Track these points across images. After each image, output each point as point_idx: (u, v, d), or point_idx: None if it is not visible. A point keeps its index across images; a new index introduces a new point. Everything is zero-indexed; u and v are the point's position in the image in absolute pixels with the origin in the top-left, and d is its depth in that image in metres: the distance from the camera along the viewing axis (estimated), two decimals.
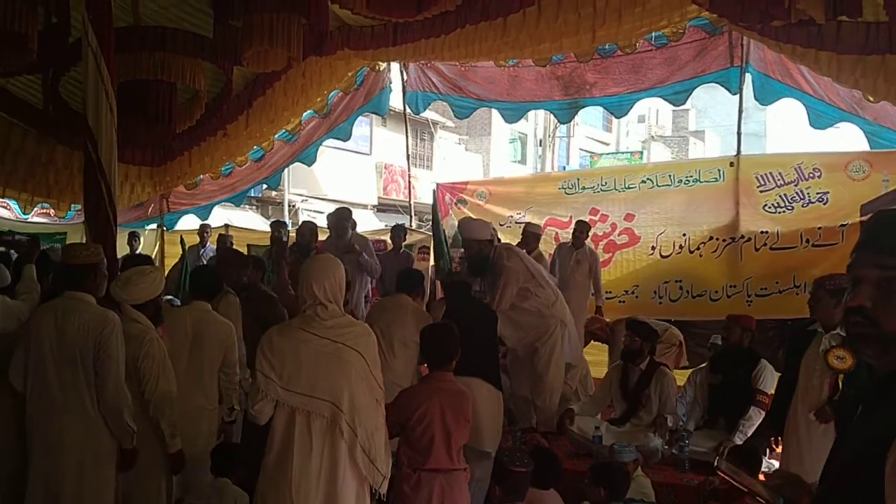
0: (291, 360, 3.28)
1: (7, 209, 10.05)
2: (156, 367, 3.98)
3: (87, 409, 3.75)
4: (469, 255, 6.30)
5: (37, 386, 3.77)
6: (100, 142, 4.48)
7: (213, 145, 8.83)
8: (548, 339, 6.08)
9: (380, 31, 7.10)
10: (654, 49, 8.07)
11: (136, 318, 4.03)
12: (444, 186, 10.45)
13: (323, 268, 3.42)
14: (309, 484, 3.23)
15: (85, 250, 4.02)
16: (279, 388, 3.26)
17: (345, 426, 3.26)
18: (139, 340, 3.96)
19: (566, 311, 6.25)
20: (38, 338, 3.77)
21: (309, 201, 20.76)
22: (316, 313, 3.32)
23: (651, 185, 8.81)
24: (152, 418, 3.99)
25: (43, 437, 3.75)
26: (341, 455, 3.28)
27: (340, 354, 3.31)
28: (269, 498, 3.27)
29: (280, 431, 3.29)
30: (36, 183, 8.37)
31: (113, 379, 3.74)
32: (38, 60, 5.84)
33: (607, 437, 5.36)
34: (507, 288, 5.95)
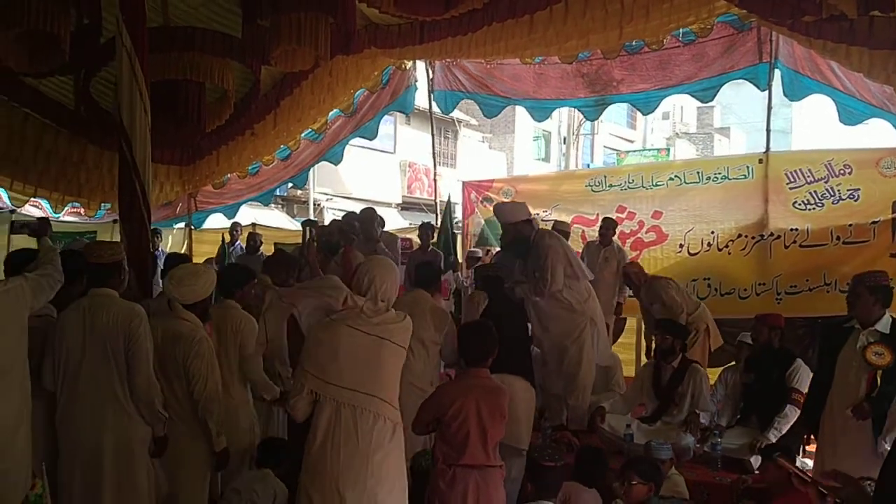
0: (336, 355, 3.33)
1: (38, 208, 10.17)
2: (205, 367, 4.04)
3: (120, 400, 3.82)
4: (508, 238, 6.26)
5: (68, 382, 3.83)
6: (134, 142, 4.53)
7: (241, 144, 8.89)
8: (577, 336, 5.99)
9: (406, 30, 7.12)
10: (682, 45, 8.01)
11: (186, 317, 4.10)
12: (469, 185, 10.44)
13: (386, 268, 3.55)
14: (353, 478, 3.26)
15: (108, 249, 4.07)
16: (323, 382, 3.31)
17: (389, 413, 3.35)
18: (189, 340, 4.02)
19: (597, 310, 6.18)
20: (67, 336, 3.83)
21: (333, 200, 20.83)
22: (362, 310, 3.37)
23: (679, 182, 8.75)
24: (200, 417, 4.05)
25: (78, 431, 3.81)
26: (384, 449, 3.33)
27: (385, 350, 3.37)
28: (312, 491, 3.30)
29: (323, 426, 3.32)
30: (67, 182, 8.47)
31: (144, 369, 3.82)
32: (70, 61, 5.93)
33: (639, 435, 5.34)
34: (557, 267, 5.85)
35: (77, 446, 3.82)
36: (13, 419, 3.53)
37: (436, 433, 3.84)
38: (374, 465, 3.30)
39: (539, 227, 6.29)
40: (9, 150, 7.76)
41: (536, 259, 5.93)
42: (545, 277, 5.82)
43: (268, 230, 11.42)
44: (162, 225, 10.76)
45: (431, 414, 3.76)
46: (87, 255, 4.09)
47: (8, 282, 3.68)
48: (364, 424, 3.30)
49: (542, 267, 5.84)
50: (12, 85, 7.23)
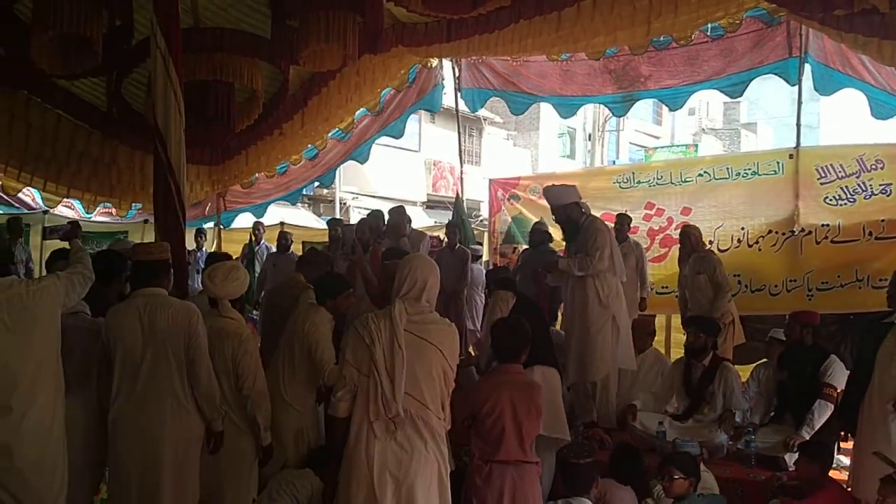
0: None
1: (71, 208, 10.32)
2: (253, 364, 4.12)
3: (180, 397, 3.89)
4: (557, 220, 6.27)
5: (126, 381, 3.90)
6: (169, 142, 4.57)
7: (269, 144, 8.96)
8: (599, 329, 5.92)
9: (433, 28, 7.13)
10: (710, 41, 7.95)
11: (232, 315, 4.18)
12: (496, 182, 10.43)
13: (428, 266, 3.51)
14: (386, 469, 3.28)
15: (155, 248, 4.14)
16: (363, 377, 3.33)
17: (423, 411, 3.33)
18: (237, 337, 4.11)
19: (622, 310, 6.09)
20: (125, 336, 3.88)
21: (359, 199, 20.91)
22: (405, 307, 3.37)
23: (708, 178, 8.68)
24: (249, 412, 4.12)
25: (138, 429, 3.86)
26: (419, 446, 3.33)
27: (423, 350, 3.36)
28: (350, 488, 3.32)
29: (357, 422, 3.35)
30: (99, 183, 8.58)
31: (206, 365, 3.91)
32: (102, 63, 6.00)
33: (671, 432, 5.31)
34: (605, 248, 5.83)
35: (136, 443, 3.88)
36: (49, 413, 3.60)
37: (471, 429, 3.85)
38: (410, 463, 3.30)
39: (589, 212, 6.24)
40: (42, 151, 7.88)
41: (584, 241, 5.91)
42: (592, 255, 5.80)
43: (295, 229, 11.48)
44: (192, 225, 10.85)
45: (466, 410, 3.77)
46: (134, 254, 4.17)
47: (42, 279, 3.77)
48: (399, 422, 3.30)
49: (590, 246, 5.82)
50: (45, 87, 7.34)
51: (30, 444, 3.49)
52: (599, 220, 6.17)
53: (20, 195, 9.46)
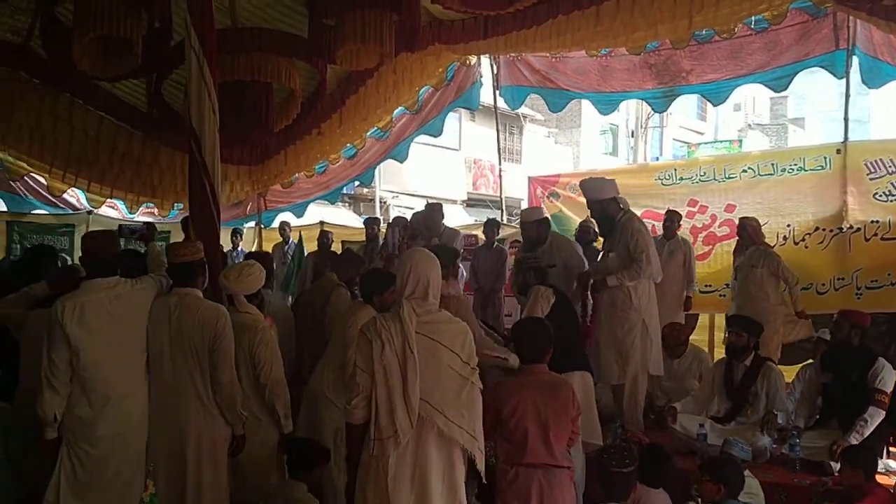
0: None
1: (114, 209, 10.49)
2: (269, 354, 4.18)
3: (203, 398, 3.93)
4: (594, 215, 6.17)
5: (156, 377, 3.98)
6: (203, 142, 4.59)
7: (308, 144, 8.99)
8: (627, 331, 5.79)
9: (471, 25, 7.08)
10: (754, 33, 7.78)
11: (249, 310, 4.26)
12: (535, 180, 10.36)
13: (428, 261, 3.40)
14: (404, 477, 3.21)
15: (190, 248, 4.18)
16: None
17: (439, 419, 3.23)
18: (253, 329, 4.17)
19: (653, 315, 5.95)
20: (154, 334, 3.97)
21: (399, 197, 20.95)
22: (413, 308, 3.28)
23: (753, 174, 8.50)
24: (267, 402, 4.18)
25: (165, 426, 3.95)
26: (435, 449, 3.25)
27: (435, 352, 3.26)
28: (366, 492, 3.26)
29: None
30: (141, 183, 8.71)
31: (228, 370, 3.93)
32: (142, 64, 6.07)
33: (712, 435, 5.18)
34: (650, 248, 5.72)
35: (162, 440, 3.96)
36: (141, 406, 3.92)
37: (497, 431, 3.77)
38: (426, 470, 3.23)
39: (627, 209, 6.13)
40: (85, 153, 8.01)
41: (623, 241, 5.78)
42: (639, 260, 5.67)
43: (335, 228, 11.51)
44: (232, 224, 10.96)
45: (490, 412, 3.67)
46: (169, 254, 4.26)
47: (143, 280, 4.09)
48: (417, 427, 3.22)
49: (635, 249, 5.69)
50: (88, 89, 7.46)
51: (133, 426, 3.85)
52: (637, 219, 6.04)
53: (65, 196, 9.62)
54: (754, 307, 6.58)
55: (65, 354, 3.75)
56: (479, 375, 3.38)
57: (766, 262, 6.87)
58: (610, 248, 5.91)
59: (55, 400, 3.75)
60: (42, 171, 8.66)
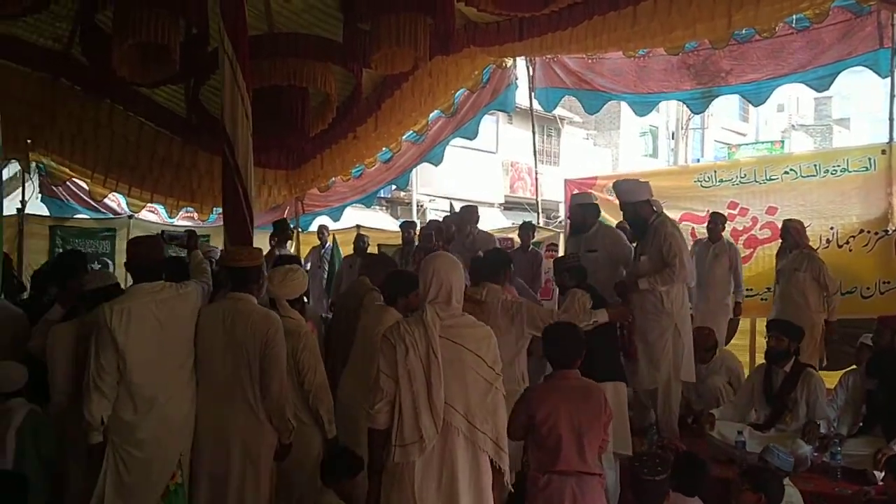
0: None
1: (154, 213, 10.64)
2: (313, 359, 4.19)
3: (252, 404, 3.95)
4: (626, 217, 6.09)
5: (206, 381, 4.03)
6: (236, 146, 4.63)
7: (344, 148, 9.04)
8: (658, 337, 5.68)
9: (506, 27, 7.04)
10: (795, 32, 7.61)
11: (291, 314, 4.26)
12: (572, 182, 10.25)
13: (450, 265, 3.36)
14: (430, 483, 3.17)
15: (247, 253, 4.24)
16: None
17: (462, 424, 3.19)
18: (297, 334, 4.16)
19: (685, 320, 5.83)
20: (206, 337, 4.02)
21: (436, 201, 20.97)
22: (436, 312, 3.24)
23: (795, 175, 8.31)
24: (312, 406, 4.19)
25: (211, 429, 3.99)
26: (461, 455, 3.20)
27: (460, 356, 3.22)
28: (392, 497, 3.22)
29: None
30: (181, 188, 8.85)
31: (278, 377, 3.94)
32: (180, 70, 6.15)
33: (751, 442, 5.06)
34: (684, 253, 5.61)
35: (206, 444, 4.00)
36: (184, 409, 3.96)
37: (528, 439, 3.71)
38: (451, 472, 3.18)
39: (661, 211, 6.01)
40: (126, 158, 8.18)
41: (656, 245, 5.67)
42: (672, 264, 5.55)
43: (371, 232, 11.54)
44: (269, 228, 11.03)
45: (521, 417, 3.62)
46: (225, 258, 4.35)
47: (187, 285, 4.15)
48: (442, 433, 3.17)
49: (668, 253, 5.58)
50: (128, 95, 7.60)
51: (176, 429, 3.91)
52: (671, 222, 5.93)
53: (106, 200, 9.79)
54: (795, 312, 6.44)
55: (112, 358, 3.80)
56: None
57: (809, 266, 6.71)
58: (642, 251, 5.82)
59: (102, 404, 3.80)
60: (84, 176, 8.86)
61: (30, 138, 8.06)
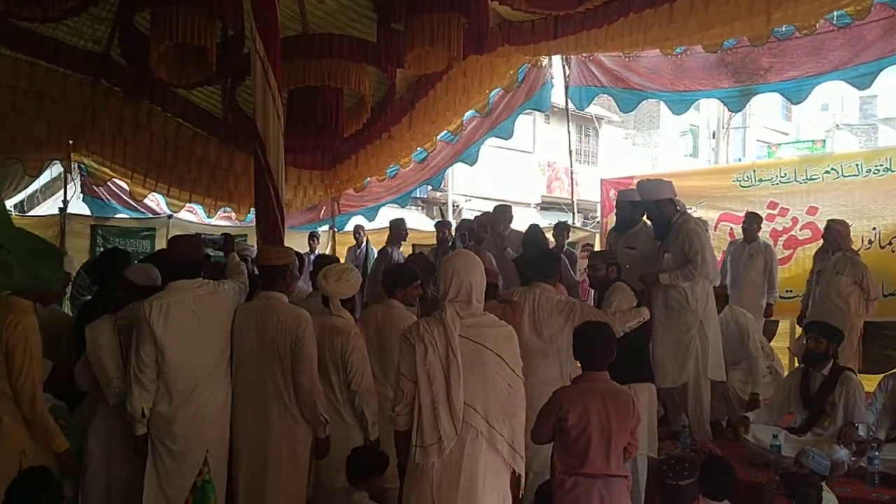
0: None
1: (193, 213, 10.78)
2: (361, 361, 4.20)
3: (286, 400, 3.99)
4: (649, 216, 6.04)
5: (242, 379, 4.09)
6: (268, 146, 4.68)
7: (378, 148, 9.07)
8: (684, 334, 5.62)
9: (540, 25, 6.99)
10: (836, 29, 7.43)
11: (342, 314, 4.29)
12: (608, 182, 10.19)
13: (471, 263, 3.31)
14: (449, 484, 3.13)
15: (277, 252, 4.28)
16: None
17: (482, 425, 3.15)
18: (346, 334, 4.19)
19: (711, 317, 5.75)
20: (241, 336, 4.09)
21: (472, 201, 20.94)
22: (456, 311, 3.20)
23: (836, 175, 8.18)
24: (357, 407, 4.20)
25: (249, 426, 4.05)
26: (481, 457, 3.15)
27: (480, 356, 3.18)
28: (411, 498, 3.21)
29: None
30: (218, 188, 8.96)
31: (308, 373, 3.96)
32: (216, 71, 6.22)
33: (787, 446, 4.96)
34: (706, 250, 5.55)
35: (243, 442, 4.06)
36: (219, 403, 4.04)
37: (555, 441, 3.66)
38: (471, 473, 3.15)
39: (684, 211, 5.99)
40: (164, 158, 8.30)
41: (679, 243, 5.63)
42: (694, 261, 5.51)
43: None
44: (307, 228, 11.12)
45: (550, 420, 3.58)
46: (258, 257, 4.39)
47: (225, 283, 4.25)
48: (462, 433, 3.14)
49: (690, 250, 5.55)
50: (166, 96, 7.71)
51: (209, 424, 3.97)
52: (694, 220, 5.88)
53: (146, 201, 9.94)
54: (834, 315, 6.30)
55: (151, 352, 3.92)
56: None
57: (851, 270, 6.53)
58: (665, 249, 5.77)
59: (144, 396, 3.92)
60: (124, 177, 9.01)
61: (71, 139, 8.21)
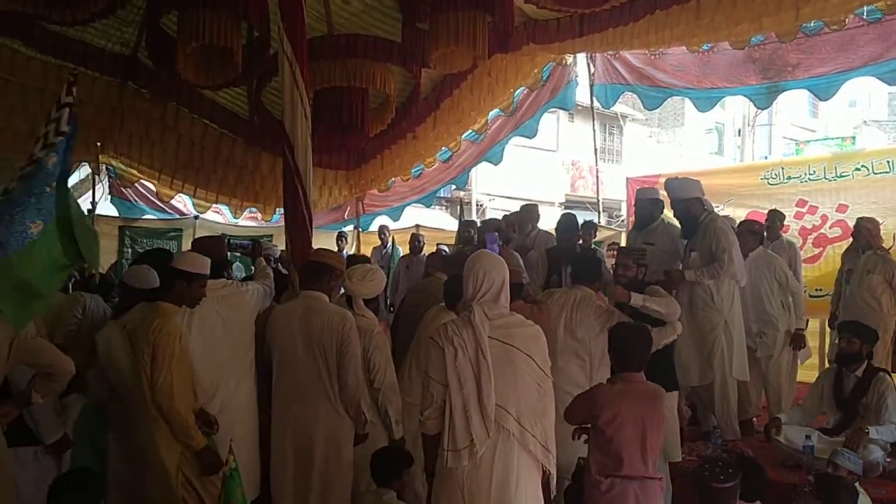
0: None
1: (219, 214, 10.87)
2: (383, 359, 4.26)
3: (330, 398, 4.05)
4: (677, 215, 6.00)
5: (285, 377, 4.14)
6: (296, 147, 4.68)
7: (403, 148, 9.08)
8: (708, 333, 5.56)
9: (566, 23, 6.96)
10: (866, 24, 7.33)
11: (365, 312, 4.35)
12: (634, 180, 10.12)
13: (496, 263, 3.30)
14: (481, 487, 3.10)
15: (328, 253, 4.41)
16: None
17: (513, 426, 3.12)
18: (369, 333, 4.24)
19: (736, 317, 5.71)
20: (283, 336, 4.12)
21: (496, 200, 20.90)
22: (484, 312, 3.17)
23: (867, 172, 8.06)
24: (380, 405, 4.24)
25: (294, 422, 4.09)
26: (513, 458, 3.12)
27: (509, 356, 3.15)
28: (441, 501, 3.19)
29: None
30: (244, 189, 9.01)
31: (353, 372, 4.02)
32: (243, 73, 6.25)
33: (820, 447, 4.89)
34: (733, 249, 5.49)
35: (289, 440, 4.10)
36: (244, 397, 4.19)
37: (590, 441, 3.64)
38: (503, 475, 3.11)
39: (711, 210, 5.97)
40: (191, 159, 8.35)
41: (706, 241, 5.61)
42: (721, 259, 5.48)
43: (431, 231, 11.59)
44: (332, 228, 11.17)
45: (584, 410, 3.57)
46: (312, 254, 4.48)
47: (249, 284, 4.40)
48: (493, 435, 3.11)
49: (716, 248, 5.52)
50: (193, 97, 7.75)
51: (234, 419, 4.06)
52: (721, 220, 5.85)
53: (173, 202, 10.02)
54: (866, 314, 6.18)
55: None
56: None
57: (882, 268, 6.40)
58: (692, 248, 5.74)
59: None
60: (151, 178, 9.09)
61: (99, 141, 8.29)
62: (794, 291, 6.08)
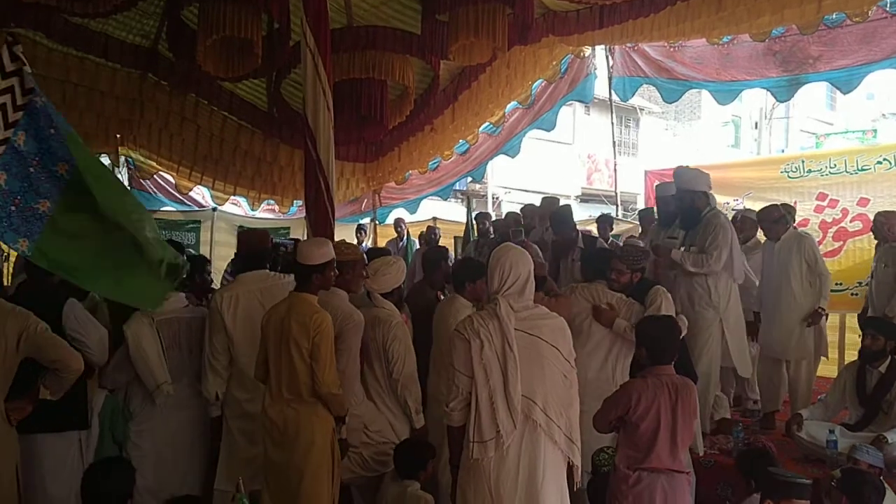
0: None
1: (237, 206, 10.90)
2: (402, 349, 4.28)
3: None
4: (681, 205, 5.95)
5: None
6: (318, 139, 4.69)
7: (421, 140, 9.07)
8: (700, 331, 5.50)
9: (585, 15, 6.91)
10: (889, 16, 7.26)
11: (384, 305, 4.40)
12: (652, 174, 10.08)
13: (520, 256, 3.30)
14: (507, 478, 3.11)
15: (346, 248, 4.39)
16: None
17: (540, 417, 3.13)
18: (387, 324, 4.28)
19: (732, 316, 5.67)
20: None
21: (511, 193, 20.86)
22: (510, 304, 3.18)
23: (888, 165, 7.99)
24: (400, 396, 4.28)
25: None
26: (540, 449, 3.13)
27: (536, 348, 3.16)
28: (467, 493, 3.19)
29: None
30: (262, 181, 9.03)
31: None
32: (262, 65, 6.26)
33: (843, 442, 4.85)
34: (724, 248, 5.49)
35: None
36: None
37: (619, 435, 3.62)
38: (530, 466, 3.13)
39: (716, 205, 5.93)
40: (210, 151, 8.37)
41: (704, 235, 5.59)
42: (709, 253, 5.47)
43: (447, 224, 11.58)
44: (349, 221, 11.17)
45: (617, 411, 3.53)
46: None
47: (287, 276, 4.38)
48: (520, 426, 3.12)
49: (710, 243, 5.51)
50: (212, 89, 7.76)
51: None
52: (723, 216, 5.81)
53: (191, 194, 10.06)
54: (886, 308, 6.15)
55: (223, 340, 4.21)
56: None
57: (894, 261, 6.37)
58: (692, 241, 5.69)
59: (217, 382, 4.21)
60: (170, 170, 9.11)
61: (119, 132, 8.32)
62: (821, 273, 6.05)
